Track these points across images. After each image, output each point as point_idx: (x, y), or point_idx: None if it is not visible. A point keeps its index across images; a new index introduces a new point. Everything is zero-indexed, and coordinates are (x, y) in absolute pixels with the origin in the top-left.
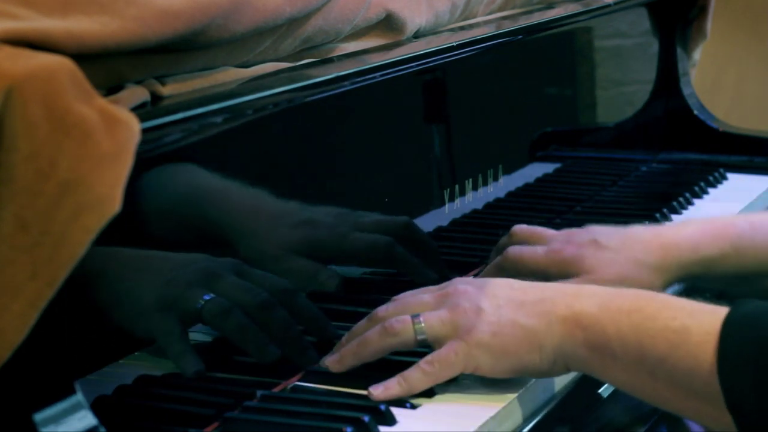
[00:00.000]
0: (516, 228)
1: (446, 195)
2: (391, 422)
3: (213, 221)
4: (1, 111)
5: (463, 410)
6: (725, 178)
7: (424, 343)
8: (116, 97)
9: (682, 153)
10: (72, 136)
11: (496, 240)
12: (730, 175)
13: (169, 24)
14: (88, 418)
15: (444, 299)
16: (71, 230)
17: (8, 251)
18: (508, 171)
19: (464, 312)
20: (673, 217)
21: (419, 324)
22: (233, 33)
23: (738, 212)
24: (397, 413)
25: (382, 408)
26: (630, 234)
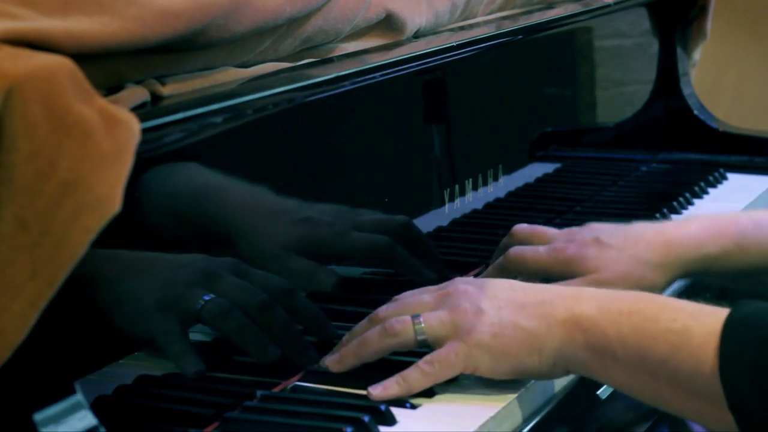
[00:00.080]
0: (517, 228)
1: (446, 195)
2: (391, 422)
3: (213, 219)
4: (1, 111)
5: (463, 410)
6: (725, 178)
7: (424, 344)
8: (116, 97)
9: (682, 153)
10: (72, 136)
11: (496, 240)
12: (730, 175)
13: (169, 24)
14: (88, 418)
15: (444, 299)
16: (71, 230)
17: (8, 251)
18: (508, 171)
19: (464, 312)
20: (673, 217)
21: (419, 324)
22: (233, 33)
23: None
24: (397, 413)
25: (382, 408)
26: (632, 232)
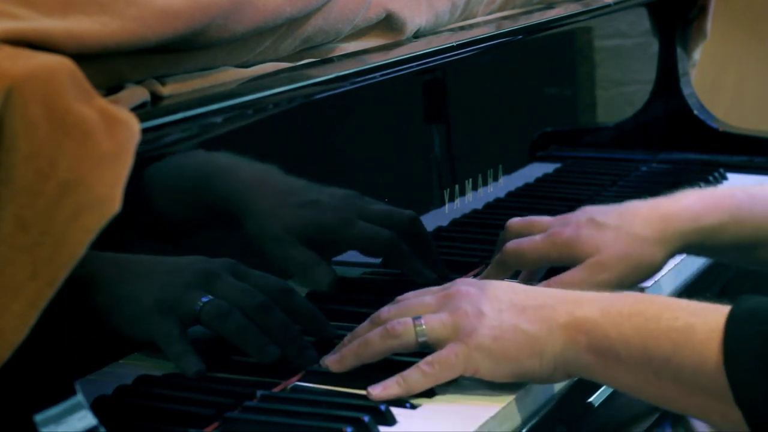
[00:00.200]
0: (511, 222)
1: (446, 195)
2: (391, 422)
3: (216, 210)
4: (1, 111)
5: (463, 410)
6: (725, 178)
7: (425, 345)
8: (116, 97)
9: (682, 153)
10: (72, 136)
11: (496, 240)
12: (730, 175)
13: (169, 24)
14: (88, 418)
15: (446, 301)
16: (71, 230)
17: (8, 251)
18: (508, 171)
19: (465, 315)
20: None
21: (420, 326)
22: (233, 33)
23: None
24: (397, 413)
25: (382, 408)
26: (627, 210)
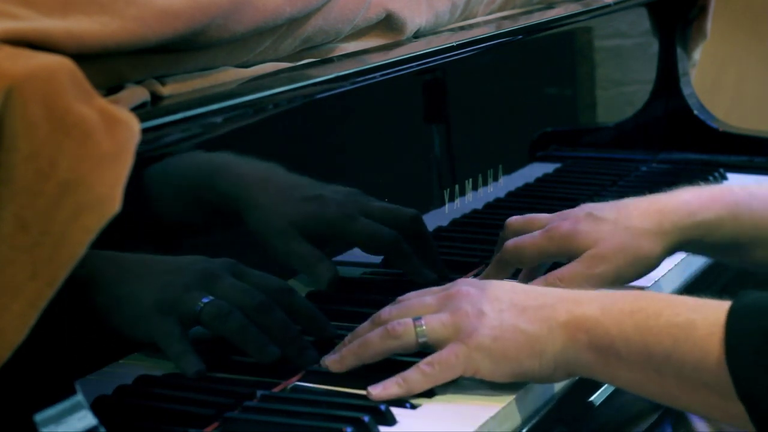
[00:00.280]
0: (510, 220)
1: (446, 195)
2: (391, 422)
3: (217, 212)
4: (1, 111)
5: (463, 410)
6: (725, 178)
7: (426, 346)
8: (116, 97)
9: (682, 153)
10: (72, 136)
11: (497, 240)
12: (730, 175)
13: (169, 24)
14: (88, 418)
15: (446, 301)
16: (71, 230)
17: (8, 251)
18: (508, 171)
19: (466, 315)
20: None
21: (420, 327)
22: (233, 33)
23: None
24: (397, 413)
25: (382, 408)
26: (625, 204)
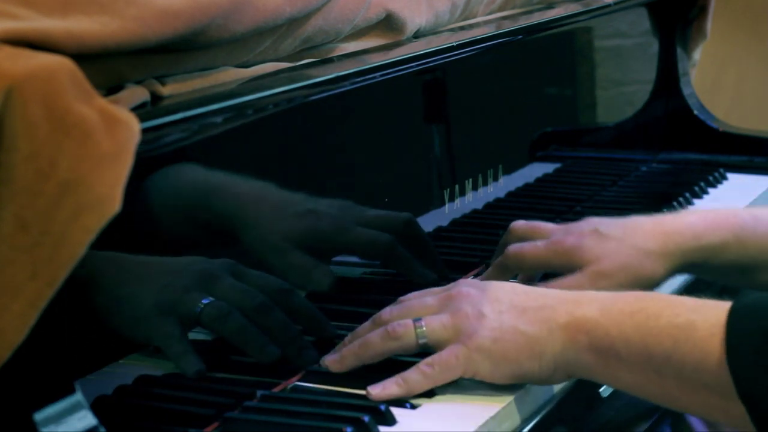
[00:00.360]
0: (515, 224)
1: (446, 195)
2: (391, 422)
3: (214, 214)
4: (1, 111)
5: (463, 410)
6: (725, 178)
7: (426, 347)
8: (116, 97)
9: (682, 153)
10: (72, 136)
11: (496, 240)
12: (730, 175)
13: (169, 24)
14: (88, 418)
15: (447, 302)
16: (71, 230)
17: (8, 251)
18: (508, 171)
19: (466, 317)
20: None
21: (421, 328)
22: (233, 33)
23: None
24: (397, 413)
25: (382, 408)
26: (630, 223)
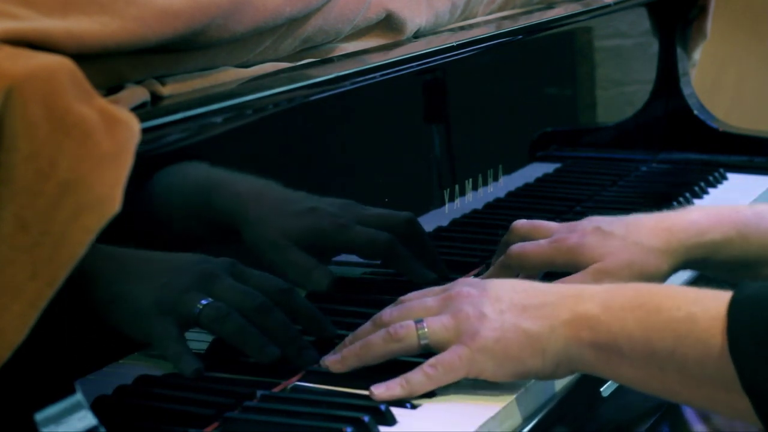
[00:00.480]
0: (516, 224)
1: (446, 195)
2: (391, 422)
3: (214, 216)
4: (1, 111)
5: (464, 410)
6: (725, 178)
7: (427, 348)
8: (116, 97)
9: (682, 153)
10: (72, 136)
11: (496, 240)
12: (730, 175)
13: (169, 24)
14: (88, 418)
15: (447, 303)
16: (71, 230)
17: (8, 251)
18: (508, 171)
19: (467, 317)
20: None
21: (422, 329)
22: (233, 33)
23: None
24: (397, 413)
25: (382, 408)
26: (633, 220)
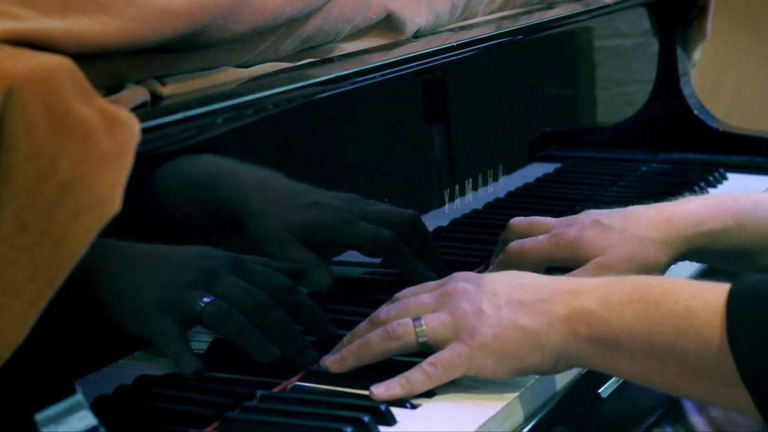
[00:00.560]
0: (514, 221)
1: (446, 195)
2: (391, 422)
3: (217, 210)
4: (1, 111)
5: (464, 410)
6: (725, 178)
7: (426, 346)
8: (116, 97)
9: (682, 153)
10: (72, 136)
11: (496, 240)
12: (730, 175)
13: (169, 24)
14: (88, 418)
15: (444, 299)
16: (71, 230)
17: (8, 251)
18: (508, 171)
19: (465, 314)
20: None
21: (420, 327)
22: (233, 33)
23: None
24: (397, 413)
25: (382, 408)
26: (631, 212)
